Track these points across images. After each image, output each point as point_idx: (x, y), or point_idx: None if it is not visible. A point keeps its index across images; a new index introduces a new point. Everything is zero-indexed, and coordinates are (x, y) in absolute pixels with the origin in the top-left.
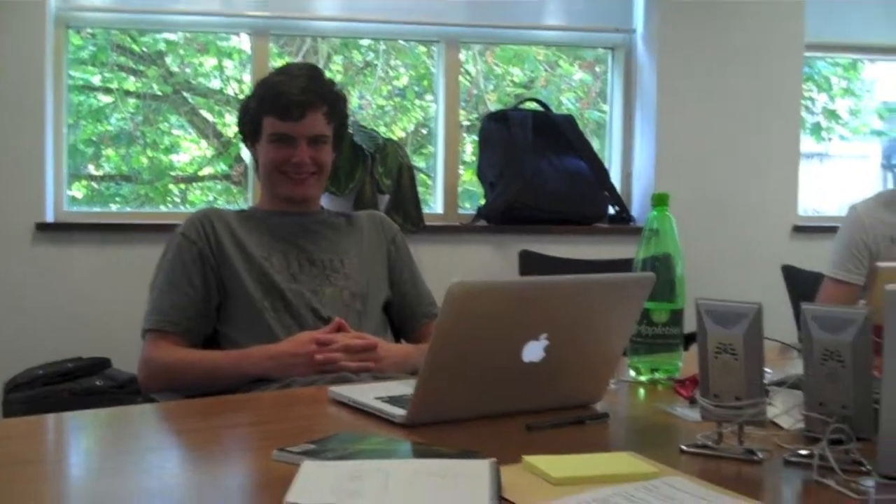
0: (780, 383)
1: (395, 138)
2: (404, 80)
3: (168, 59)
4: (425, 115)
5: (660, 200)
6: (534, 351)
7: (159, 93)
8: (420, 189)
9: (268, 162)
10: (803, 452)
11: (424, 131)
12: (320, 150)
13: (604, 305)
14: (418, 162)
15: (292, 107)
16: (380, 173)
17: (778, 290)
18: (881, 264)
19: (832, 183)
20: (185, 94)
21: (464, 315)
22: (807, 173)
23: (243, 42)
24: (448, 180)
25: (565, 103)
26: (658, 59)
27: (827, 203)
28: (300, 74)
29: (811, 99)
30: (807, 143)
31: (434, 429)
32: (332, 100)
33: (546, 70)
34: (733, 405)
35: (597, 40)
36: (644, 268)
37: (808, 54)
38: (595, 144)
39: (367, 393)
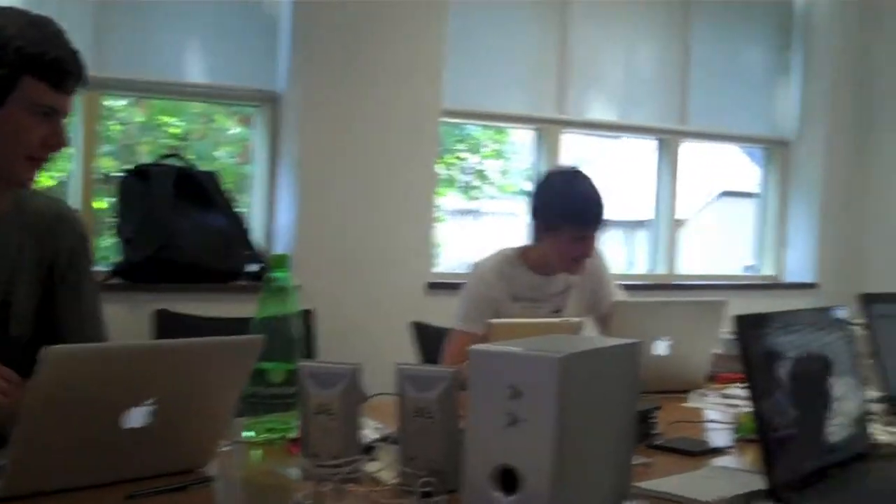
0: (383, 439)
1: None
2: None
3: None
4: None
5: (279, 262)
6: (137, 416)
7: None
8: None
9: (20, 135)
10: None
11: None
12: None
13: (210, 368)
14: None
15: (70, 78)
16: None
17: (412, 346)
18: (494, 321)
19: (483, 238)
20: None
21: (59, 380)
22: (458, 229)
23: None
24: None
25: (222, 157)
26: (301, 120)
27: (478, 257)
28: (60, 33)
29: (464, 159)
30: (458, 201)
31: (31, 501)
32: None
33: (203, 122)
34: (331, 464)
35: (243, 96)
36: (262, 328)
37: (445, 119)
38: (250, 199)
39: None
